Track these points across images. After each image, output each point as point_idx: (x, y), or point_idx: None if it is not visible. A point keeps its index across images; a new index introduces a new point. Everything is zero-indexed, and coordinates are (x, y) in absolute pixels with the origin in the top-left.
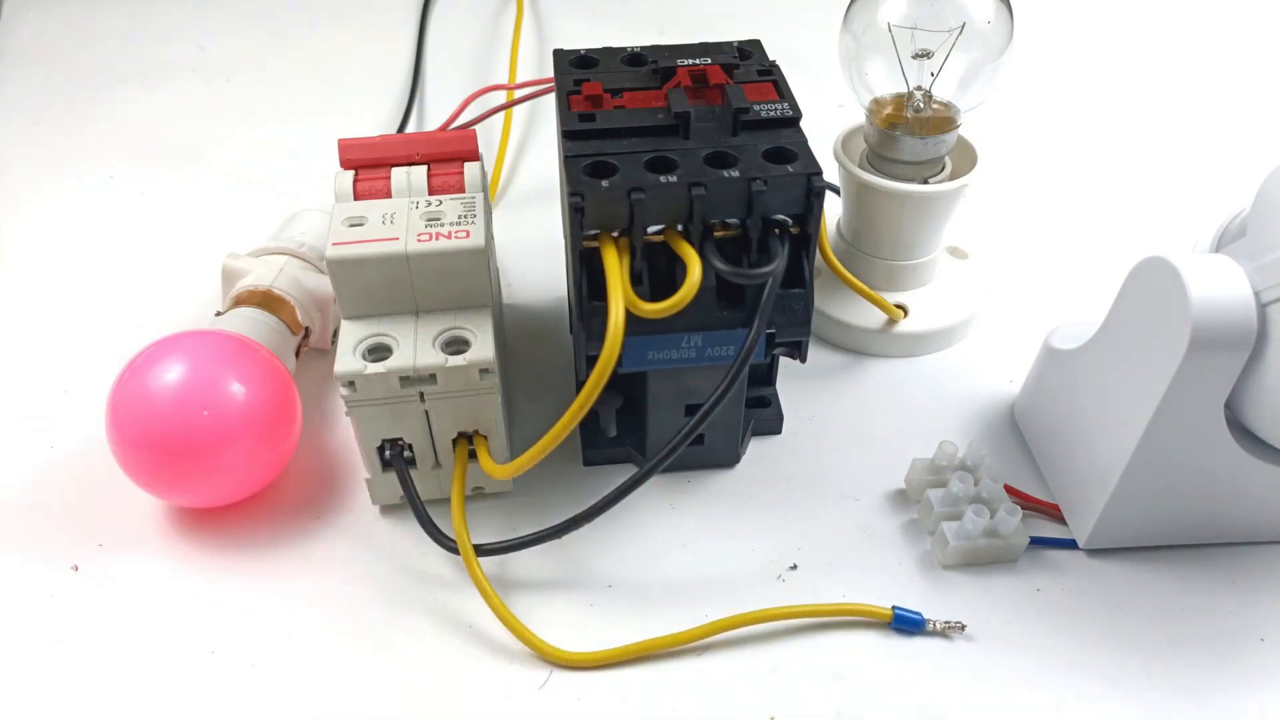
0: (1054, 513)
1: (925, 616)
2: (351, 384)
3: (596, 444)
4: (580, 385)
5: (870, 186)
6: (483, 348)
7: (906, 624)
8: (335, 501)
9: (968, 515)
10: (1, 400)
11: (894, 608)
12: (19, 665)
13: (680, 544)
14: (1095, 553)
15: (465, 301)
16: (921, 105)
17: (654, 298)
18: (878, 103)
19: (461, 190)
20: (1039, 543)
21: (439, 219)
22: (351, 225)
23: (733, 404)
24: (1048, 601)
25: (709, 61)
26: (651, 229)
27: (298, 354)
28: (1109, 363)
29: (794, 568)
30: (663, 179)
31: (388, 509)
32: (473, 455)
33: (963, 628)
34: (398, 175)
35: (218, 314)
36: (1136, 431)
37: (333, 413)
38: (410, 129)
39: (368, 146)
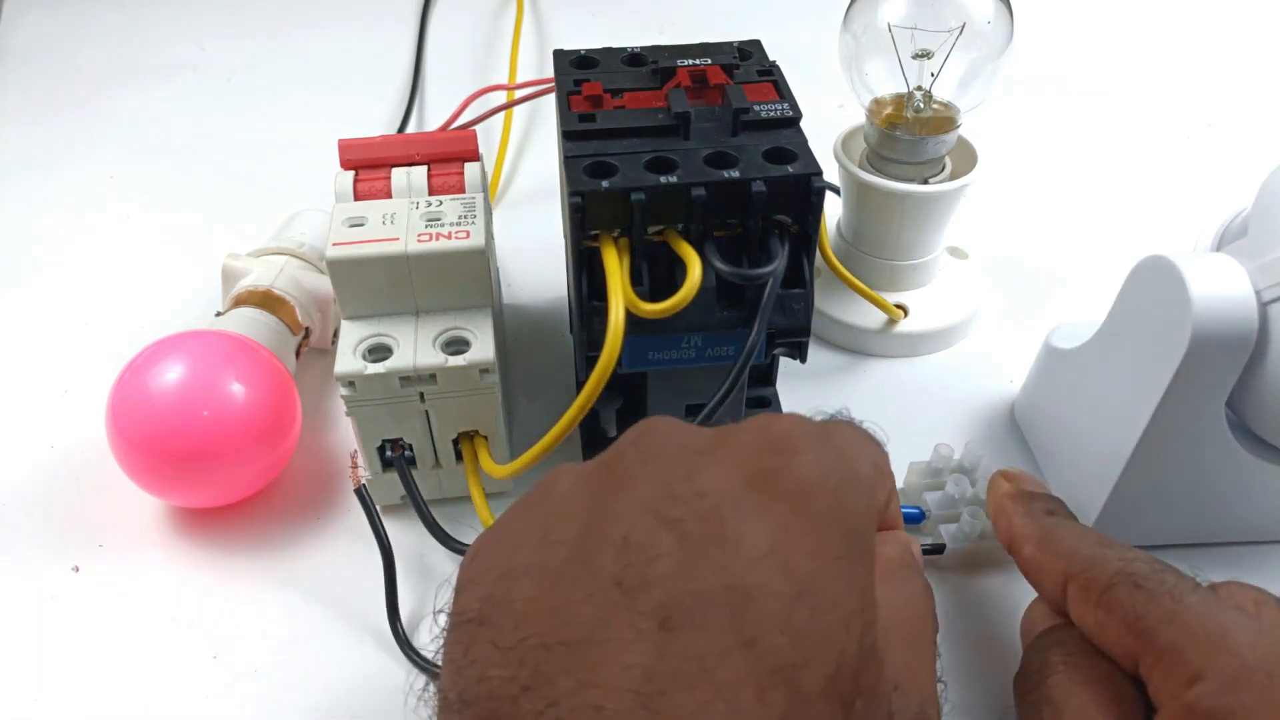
0: None
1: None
2: (351, 384)
3: (596, 444)
4: (580, 385)
5: (870, 186)
6: (483, 348)
7: (910, 520)
8: (335, 501)
9: (964, 517)
10: (1, 400)
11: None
12: (20, 666)
13: None
14: None
15: (465, 301)
16: (921, 105)
17: (654, 298)
18: (878, 103)
19: (461, 190)
20: None
21: (439, 219)
22: (351, 225)
23: (733, 404)
24: None
25: (709, 62)
26: (651, 229)
27: (298, 354)
28: (1109, 362)
29: None
30: (663, 179)
31: (388, 509)
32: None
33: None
34: (398, 175)
35: (218, 314)
36: (1136, 431)
37: (333, 413)
38: (410, 129)
39: (368, 146)
